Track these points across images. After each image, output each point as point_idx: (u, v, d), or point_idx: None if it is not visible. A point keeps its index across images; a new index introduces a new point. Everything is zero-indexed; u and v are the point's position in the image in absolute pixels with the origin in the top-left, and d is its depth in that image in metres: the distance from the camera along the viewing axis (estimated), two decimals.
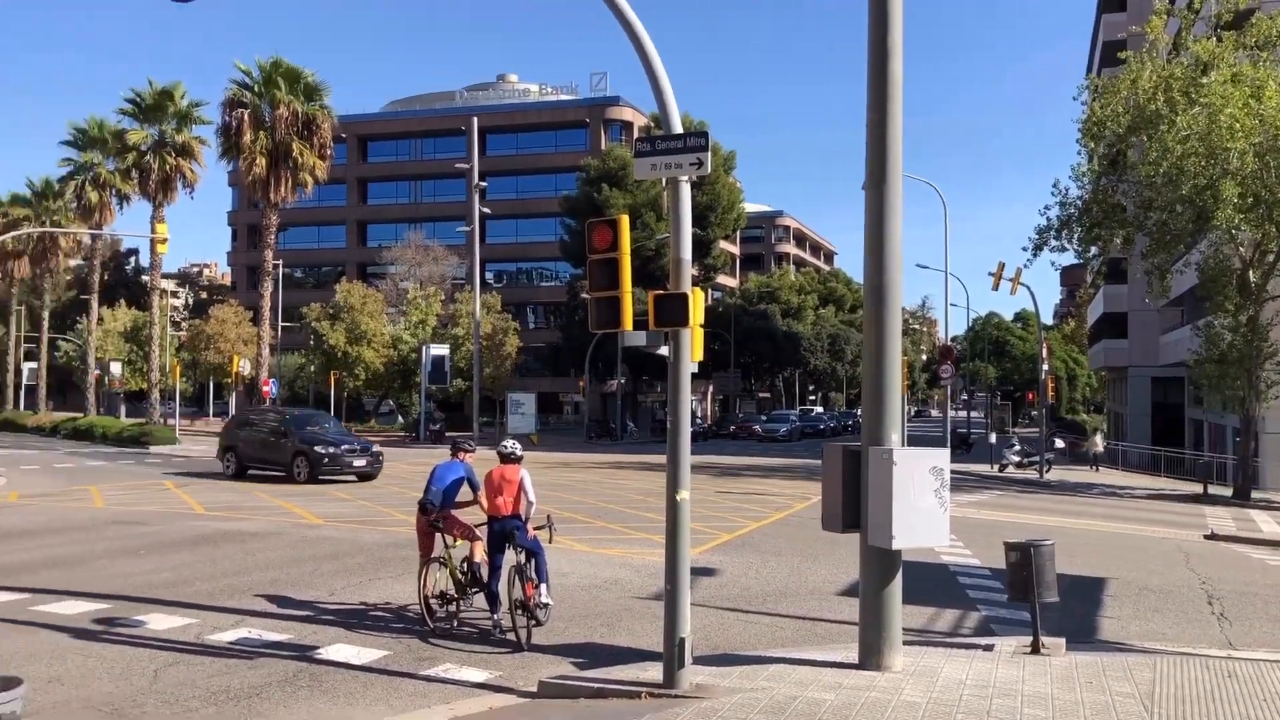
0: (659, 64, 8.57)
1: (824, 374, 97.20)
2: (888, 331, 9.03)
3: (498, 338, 57.51)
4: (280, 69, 38.65)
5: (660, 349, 8.56)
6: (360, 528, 18.12)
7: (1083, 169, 33.54)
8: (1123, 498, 31.63)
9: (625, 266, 8.45)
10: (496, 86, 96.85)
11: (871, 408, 9.02)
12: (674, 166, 8.41)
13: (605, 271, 8.56)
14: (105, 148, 48.98)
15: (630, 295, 8.48)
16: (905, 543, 8.52)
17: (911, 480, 8.72)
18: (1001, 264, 37.33)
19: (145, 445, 43.10)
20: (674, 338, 8.44)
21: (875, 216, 9.04)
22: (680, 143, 8.39)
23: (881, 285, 9.02)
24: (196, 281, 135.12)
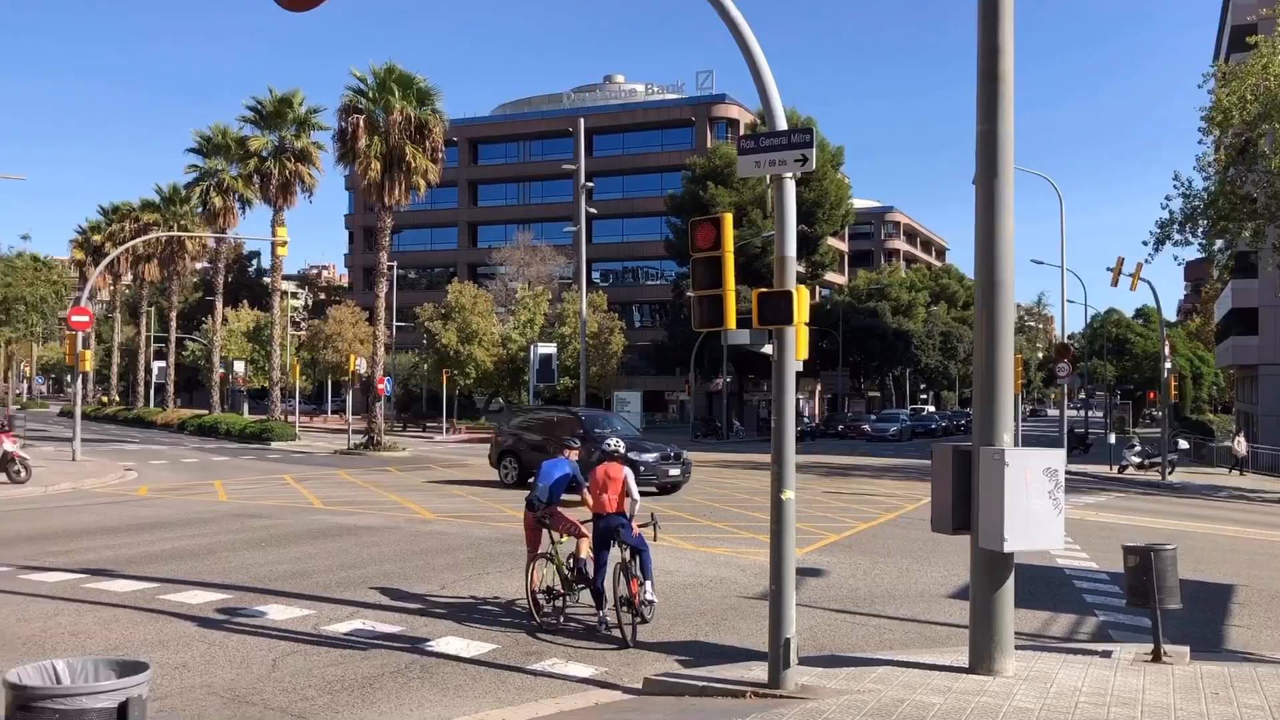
0: (763, 61, 8.53)
1: (935, 372, 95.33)
2: (999, 329, 8.82)
3: (603, 336, 57.93)
4: (394, 75, 39.60)
5: (764, 347, 8.52)
6: (471, 523, 18.46)
7: (1208, 159, 32.21)
8: (1253, 501, 30.28)
9: (729, 265, 8.43)
10: (604, 87, 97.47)
11: (983, 407, 8.82)
12: (778, 164, 8.36)
13: (709, 270, 8.55)
14: (229, 154, 50.87)
15: (734, 294, 8.46)
16: (1017, 545, 8.33)
17: (1024, 482, 8.52)
18: (1121, 259, 36.02)
19: (266, 441, 44.66)
20: (778, 336, 8.38)
21: (986, 212, 8.85)
22: (784, 139, 8.33)
23: (993, 282, 8.81)
24: (315, 283, 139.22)
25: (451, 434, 58.71)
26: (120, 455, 35.37)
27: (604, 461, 10.66)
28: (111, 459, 32.87)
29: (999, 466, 8.49)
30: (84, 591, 11.66)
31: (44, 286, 37.51)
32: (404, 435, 56.79)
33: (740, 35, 8.50)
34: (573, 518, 10.97)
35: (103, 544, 15.31)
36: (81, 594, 11.53)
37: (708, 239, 8.58)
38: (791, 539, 8.38)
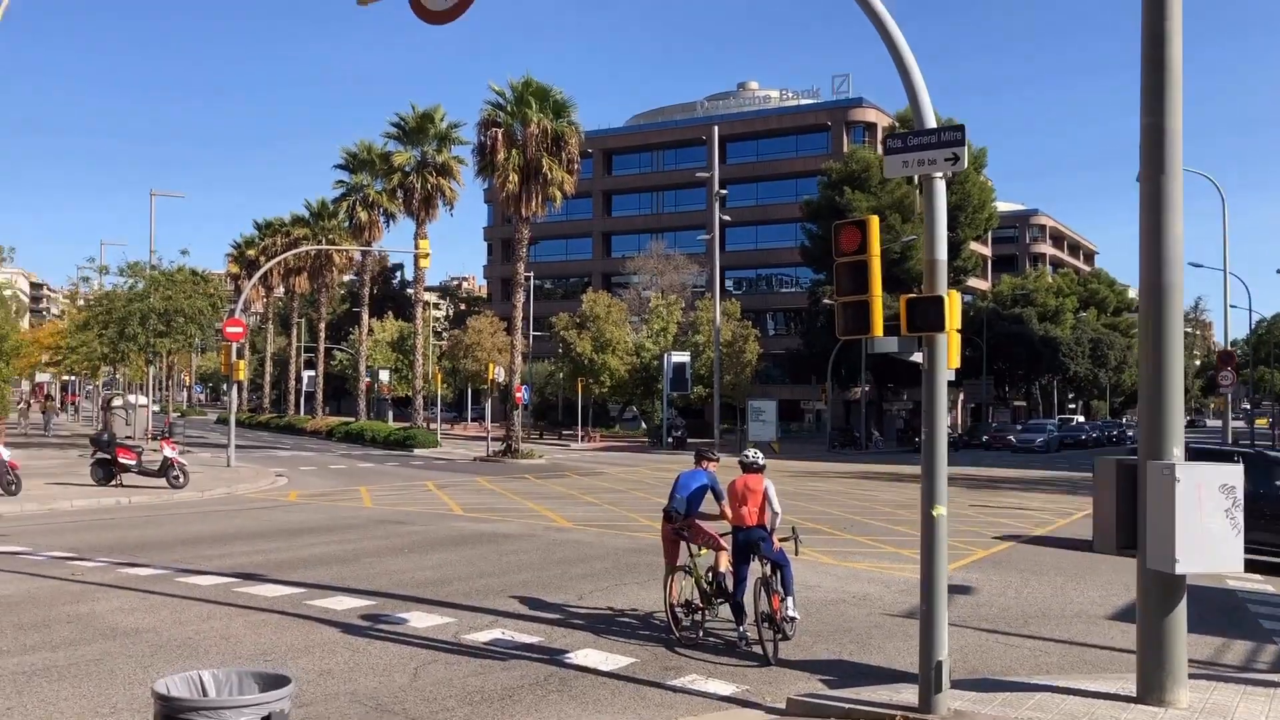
0: (910, 56, 8.17)
1: (1085, 381, 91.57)
2: (1167, 335, 8.24)
3: (737, 345, 57.55)
4: (530, 88, 40.22)
5: (913, 356, 8.14)
6: (607, 532, 18.42)
7: None
8: None
9: (875, 269, 8.09)
10: (737, 95, 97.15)
11: (1149, 418, 8.24)
12: (927, 163, 7.99)
13: (853, 275, 8.22)
14: (373, 170, 52.51)
15: (880, 299, 8.11)
16: (1190, 567, 7.76)
17: (1197, 499, 7.94)
18: None
19: (409, 448, 45.80)
20: (928, 344, 8.00)
21: (1152, 211, 8.29)
22: (934, 138, 7.95)
23: (1160, 285, 8.24)
24: (456, 294, 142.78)
25: (587, 442, 59.22)
26: (272, 461, 36.73)
27: (743, 473, 10.41)
28: (263, 465, 34.16)
29: (1169, 482, 7.93)
30: (235, 595, 12.01)
31: (201, 299, 39.24)
32: (540, 443, 57.54)
33: (885, 29, 8.16)
34: (711, 530, 10.72)
35: (254, 548, 15.81)
36: (232, 598, 11.87)
37: (852, 242, 8.25)
38: (943, 556, 7.97)
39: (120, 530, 17.62)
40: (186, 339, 39.81)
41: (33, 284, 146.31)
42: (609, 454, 49.38)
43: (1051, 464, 47.52)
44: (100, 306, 39.93)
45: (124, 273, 39.81)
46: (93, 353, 40.26)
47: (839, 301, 8.34)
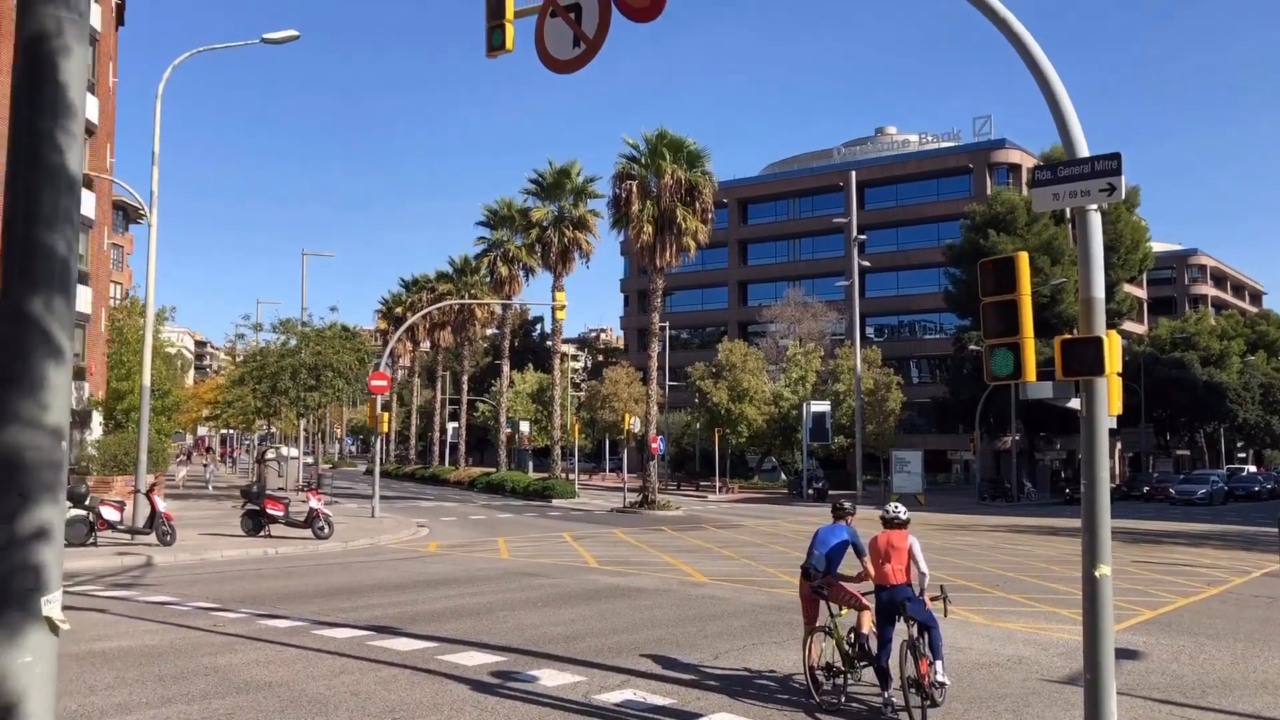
0: (1057, 81, 7.65)
1: (1255, 429, 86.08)
2: None
3: (879, 393, 56.18)
4: (664, 140, 40.48)
5: (1070, 402, 7.52)
6: (744, 588, 17.89)
7: None
8: None
9: (1026, 309, 7.55)
10: (875, 140, 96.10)
11: None
12: (1080, 195, 7.43)
13: (1002, 316, 7.68)
14: (513, 225, 53.63)
15: (1032, 341, 7.54)
16: None
17: None
18: None
19: (548, 498, 46.08)
20: (1086, 389, 7.38)
21: None
22: (1087, 167, 7.40)
23: None
24: (594, 345, 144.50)
25: (724, 493, 58.56)
26: (414, 512, 37.38)
27: (886, 528, 9.81)
28: (406, 515, 34.77)
29: None
30: (368, 649, 11.97)
31: (349, 354, 40.57)
32: (677, 494, 57.17)
33: (1029, 54, 7.67)
34: (853, 589, 10.11)
35: (390, 600, 15.87)
36: (365, 651, 11.84)
37: (1000, 282, 7.72)
38: (1109, 620, 7.28)
39: (264, 581, 17.99)
40: (335, 392, 41.12)
41: (197, 342, 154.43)
42: (746, 506, 48.64)
43: (1219, 517, 44.59)
44: (254, 362, 41.73)
45: (276, 329, 41.55)
46: (247, 406, 41.99)
47: (987, 345, 7.80)
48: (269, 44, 24.61)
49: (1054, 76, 7.64)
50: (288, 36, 24.64)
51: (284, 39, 24.60)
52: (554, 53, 10.53)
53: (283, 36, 24.63)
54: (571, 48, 10.44)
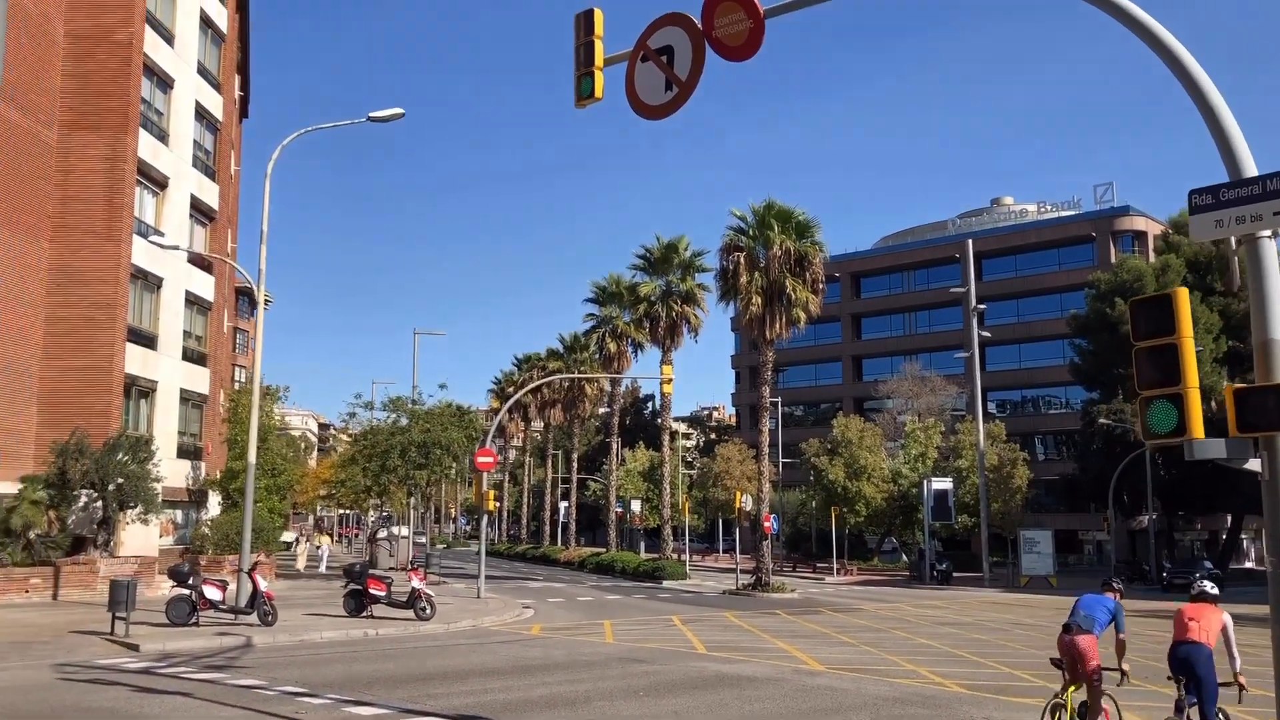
0: (1209, 85, 6.60)
1: None
2: None
3: (1005, 469, 53.66)
4: (773, 211, 39.81)
5: (1248, 463, 6.34)
6: (864, 677, 16.51)
7: None
8: None
9: (1189, 353, 6.44)
10: (991, 211, 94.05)
11: None
12: (1250, 220, 6.34)
13: (1159, 362, 6.59)
14: (621, 301, 53.45)
15: (1198, 392, 6.40)
16: None
17: None
18: None
19: (658, 579, 44.89)
20: (1268, 447, 6.20)
21: None
22: (1257, 188, 6.32)
23: None
24: (706, 423, 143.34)
25: (842, 575, 56.41)
26: (521, 592, 36.64)
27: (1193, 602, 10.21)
28: (513, 596, 34.02)
29: None
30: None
31: (457, 431, 40.46)
32: (793, 575, 55.29)
33: (1175, 59, 6.66)
34: (1097, 662, 10.52)
35: (484, 686, 15.01)
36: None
37: (1156, 323, 6.63)
38: None
39: (358, 664, 17.35)
40: (443, 470, 40.95)
41: (320, 425, 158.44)
42: (866, 588, 46.57)
43: None
44: (365, 441, 41.96)
45: (386, 408, 41.75)
46: (356, 485, 42.15)
47: (1141, 396, 6.69)
48: (376, 122, 24.86)
49: (1208, 86, 6.62)
50: (393, 115, 24.83)
51: (389, 117, 24.80)
52: (645, 98, 9.95)
53: (388, 115, 24.85)
54: (664, 91, 9.85)
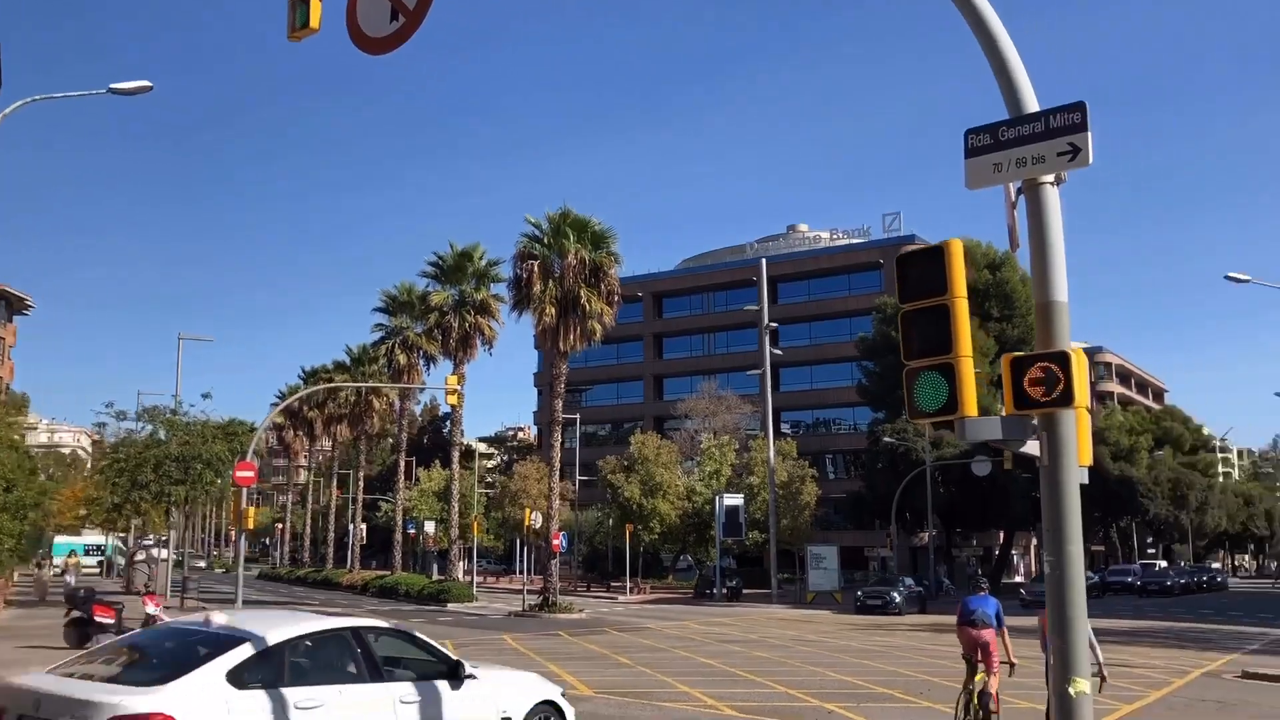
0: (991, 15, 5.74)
1: (1165, 523, 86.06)
2: None
3: (794, 486, 54.26)
4: (568, 219, 38.68)
5: (1026, 445, 5.44)
6: (632, 703, 15.36)
7: None
8: None
9: (962, 317, 5.49)
10: (787, 237, 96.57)
11: None
12: (1030, 162, 5.47)
13: (928, 328, 5.62)
14: (412, 311, 51.14)
15: (971, 362, 5.47)
16: None
17: None
18: None
19: (444, 602, 42.84)
20: (1048, 426, 5.30)
21: None
22: (1040, 124, 5.45)
23: None
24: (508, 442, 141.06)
25: (635, 593, 55.64)
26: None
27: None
28: None
29: None
30: None
31: (221, 444, 37.27)
32: (586, 595, 54.14)
33: None
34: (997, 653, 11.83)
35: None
36: None
37: (925, 281, 5.66)
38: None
39: None
40: (205, 485, 37.64)
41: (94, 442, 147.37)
42: (657, 606, 45.88)
43: (1142, 613, 43.21)
44: (116, 454, 38.14)
45: (141, 418, 38.12)
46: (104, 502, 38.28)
47: (907, 369, 5.71)
48: (117, 94, 22.26)
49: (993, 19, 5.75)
50: (139, 88, 22.27)
51: (134, 90, 22.23)
52: (367, 29, 8.50)
53: (133, 88, 22.25)
54: (389, 22, 8.41)
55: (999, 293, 63.69)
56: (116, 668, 8.03)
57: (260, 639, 8.00)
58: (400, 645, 9.37)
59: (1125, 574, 61.90)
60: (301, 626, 8.63)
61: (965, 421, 5.48)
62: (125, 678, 7.72)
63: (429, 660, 9.22)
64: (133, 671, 7.94)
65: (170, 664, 7.78)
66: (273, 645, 8.03)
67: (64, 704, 7.15)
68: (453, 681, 8.96)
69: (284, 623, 8.70)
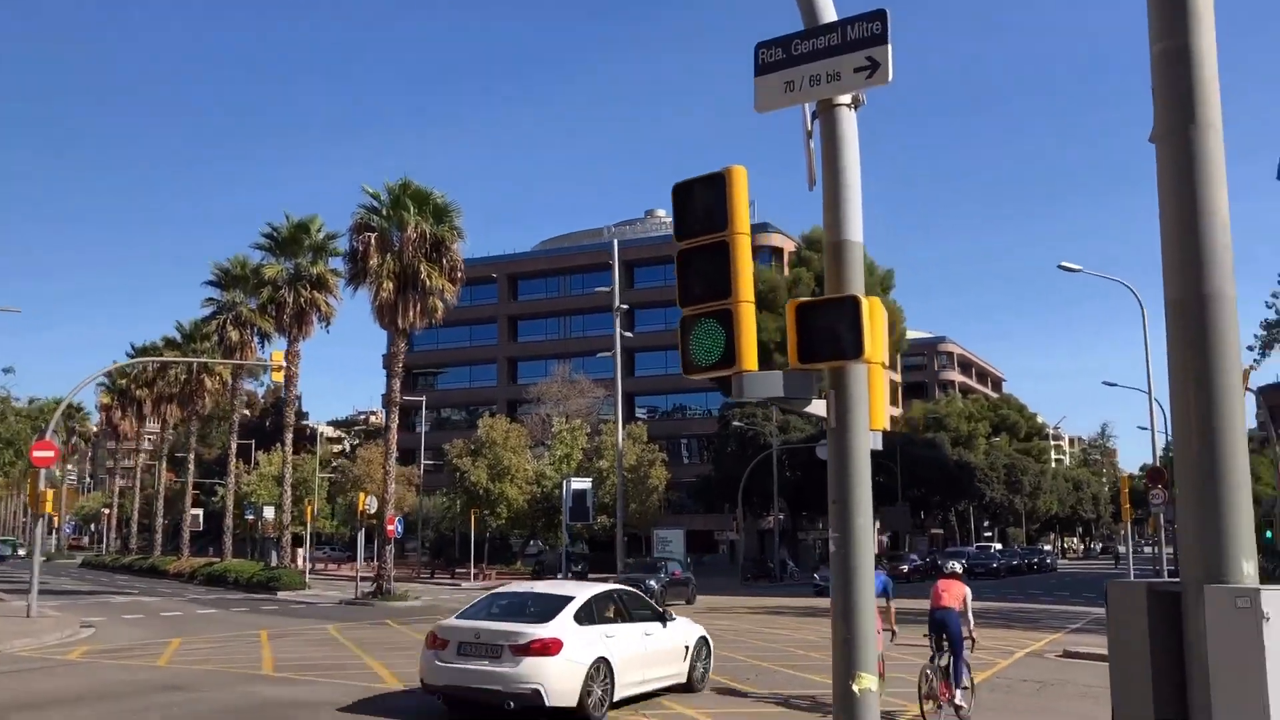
0: None
1: (1000, 507, 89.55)
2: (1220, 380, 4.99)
3: (642, 470, 53.89)
4: (409, 190, 37.05)
5: (811, 405, 4.73)
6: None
7: None
8: None
9: (743, 256, 4.73)
10: (644, 221, 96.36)
11: (1200, 520, 4.93)
12: (825, 80, 4.75)
13: (707, 267, 4.84)
14: (246, 285, 48.64)
15: (752, 308, 4.72)
16: None
17: None
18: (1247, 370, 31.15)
19: (273, 590, 40.88)
20: (836, 383, 4.59)
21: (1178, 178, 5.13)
22: (835, 37, 4.73)
23: (1203, 296, 5.02)
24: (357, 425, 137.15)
25: (481, 579, 54.40)
26: (98, 608, 31.73)
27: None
28: (79, 613, 29.09)
29: (1250, 621, 4.64)
30: None
31: (23, 422, 34.48)
32: (430, 582, 52.70)
33: None
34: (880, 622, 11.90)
35: None
36: None
37: (703, 214, 4.88)
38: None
39: None
40: (3, 466, 34.77)
41: None
42: None
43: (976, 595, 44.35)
44: None
45: None
46: None
47: (683, 317, 4.94)
48: None
49: None
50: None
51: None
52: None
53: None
54: None
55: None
56: (509, 614, 12.97)
57: (581, 598, 13.19)
58: (637, 600, 15.07)
59: (958, 556, 63.78)
60: (592, 590, 13.98)
61: (744, 377, 4.73)
62: (521, 619, 12.59)
63: (651, 610, 14.86)
64: (522, 616, 12.79)
65: (542, 611, 12.74)
66: (587, 600, 13.27)
67: (496, 634, 12.23)
68: (664, 622, 14.48)
69: (583, 589, 13.94)
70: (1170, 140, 5.24)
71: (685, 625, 15.15)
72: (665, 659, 14.16)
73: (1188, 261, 5.07)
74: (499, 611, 13.18)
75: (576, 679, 11.95)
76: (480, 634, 12.22)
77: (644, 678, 13.60)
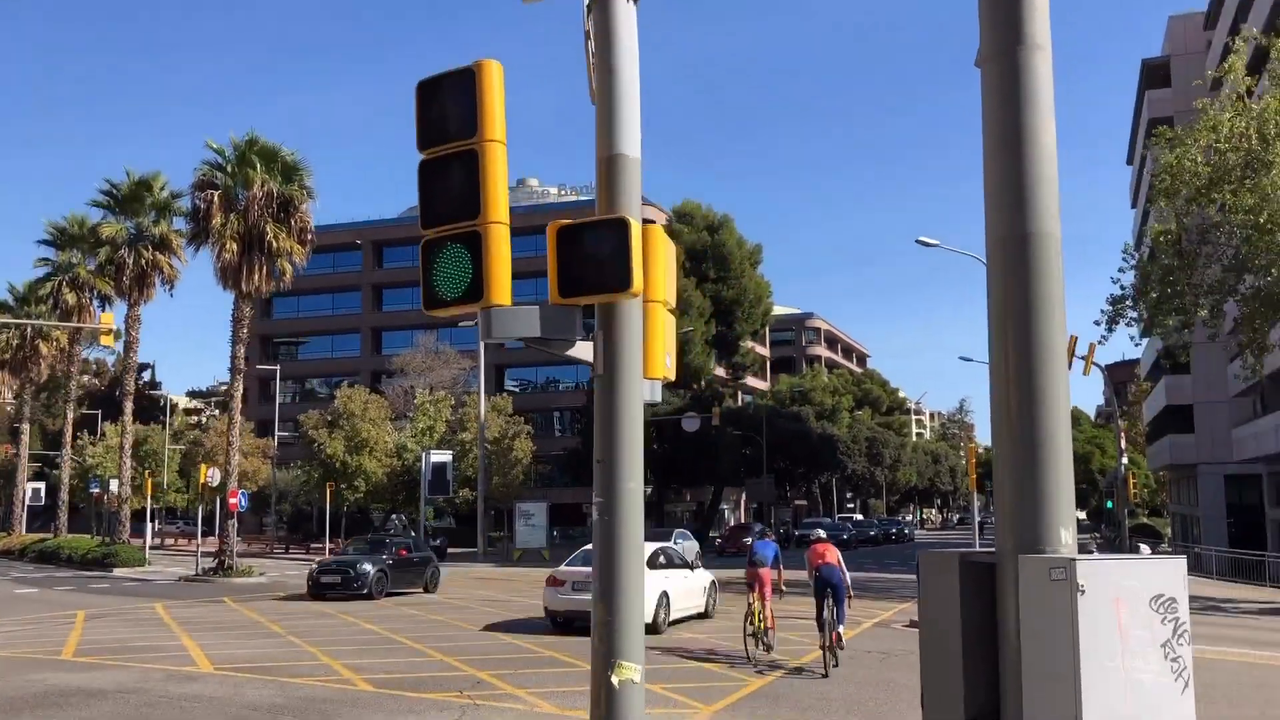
0: None
1: (862, 479, 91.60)
2: (1041, 332, 4.48)
3: (505, 443, 52.92)
4: (255, 147, 35.01)
5: (575, 347, 4.04)
6: (255, 679, 13.35)
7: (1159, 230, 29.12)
8: (1229, 614, 26.02)
9: (496, 165, 3.98)
10: (516, 190, 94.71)
11: (1016, 483, 4.44)
12: None
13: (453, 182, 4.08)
14: (84, 246, 45.69)
15: (507, 231, 3.99)
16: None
17: (1115, 622, 4.22)
18: (1074, 337, 31.99)
19: (109, 567, 38.71)
20: (605, 322, 3.91)
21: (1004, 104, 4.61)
22: None
23: (1024, 235, 4.53)
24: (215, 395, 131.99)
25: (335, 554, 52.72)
26: None
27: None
28: None
29: (1064, 592, 4.20)
30: None
31: None
32: (283, 558, 50.82)
33: None
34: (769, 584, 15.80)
35: None
36: None
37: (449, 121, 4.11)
38: None
39: None
40: None
41: None
42: None
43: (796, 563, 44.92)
44: None
45: None
46: None
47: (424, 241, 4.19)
48: None
49: None
50: None
51: None
52: None
53: None
54: None
55: (716, 254, 64.63)
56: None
57: (649, 550, 15.92)
58: (678, 554, 21.66)
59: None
60: (654, 546, 18.88)
61: (493, 312, 4.01)
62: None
63: (683, 562, 21.34)
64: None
65: None
66: (653, 552, 18.78)
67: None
68: (692, 570, 21.20)
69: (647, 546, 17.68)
70: (996, 62, 4.71)
71: (704, 573, 21.83)
72: (696, 594, 20.77)
73: (1009, 197, 4.56)
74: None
75: (651, 605, 17.24)
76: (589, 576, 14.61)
77: (685, 605, 20.03)
